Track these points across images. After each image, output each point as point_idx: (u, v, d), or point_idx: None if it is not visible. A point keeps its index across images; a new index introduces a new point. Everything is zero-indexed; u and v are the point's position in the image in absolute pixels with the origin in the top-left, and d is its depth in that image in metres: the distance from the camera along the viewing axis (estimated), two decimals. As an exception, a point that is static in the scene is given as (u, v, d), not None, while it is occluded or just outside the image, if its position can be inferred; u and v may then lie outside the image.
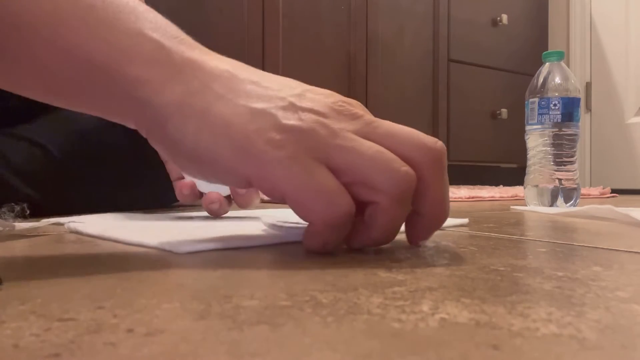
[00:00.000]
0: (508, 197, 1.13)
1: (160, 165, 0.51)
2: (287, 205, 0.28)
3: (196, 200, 0.49)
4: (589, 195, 1.32)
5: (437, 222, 0.31)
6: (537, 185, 0.80)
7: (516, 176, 1.88)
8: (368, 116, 0.30)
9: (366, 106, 0.31)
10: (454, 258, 0.30)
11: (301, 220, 0.29)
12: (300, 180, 0.27)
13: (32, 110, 0.56)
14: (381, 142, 0.28)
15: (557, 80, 0.80)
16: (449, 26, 1.96)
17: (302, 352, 0.14)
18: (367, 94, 1.73)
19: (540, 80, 0.81)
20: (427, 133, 0.30)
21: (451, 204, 1.00)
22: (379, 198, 0.28)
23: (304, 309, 0.18)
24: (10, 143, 0.56)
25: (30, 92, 0.29)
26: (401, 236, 0.31)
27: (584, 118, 2.20)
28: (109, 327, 0.16)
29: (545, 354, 0.14)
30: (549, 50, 0.87)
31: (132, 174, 0.47)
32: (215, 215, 0.48)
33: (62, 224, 0.42)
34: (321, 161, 0.27)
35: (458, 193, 1.12)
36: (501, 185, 1.76)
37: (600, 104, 2.19)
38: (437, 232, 0.42)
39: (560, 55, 0.82)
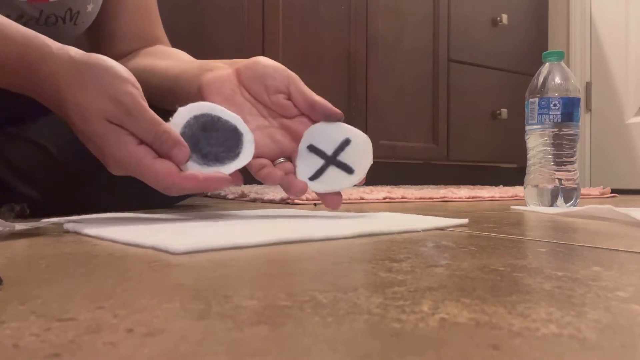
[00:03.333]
0: (508, 197, 1.13)
1: None
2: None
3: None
4: (589, 195, 1.32)
5: None
6: (537, 185, 0.80)
7: (516, 176, 1.88)
8: None
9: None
10: (454, 258, 0.30)
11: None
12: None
13: (33, 110, 0.56)
14: None
15: (557, 80, 0.80)
16: (449, 26, 1.96)
17: (302, 352, 0.14)
18: (367, 94, 1.73)
19: (540, 80, 0.81)
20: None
21: (451, 204, 0.98)
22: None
23: (304, 309, 0.18)
24: (10, 143, 0.56)
25: None
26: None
27: (584, 118, 2.20)
28: (109, 327, 0.16)
29: (545, 354, 0.14)
30: (549, 50, 0.87)
31: None
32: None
33: (62, 224, 0.42)
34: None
35: (458, 193, 1.12)
36: (501, 185, 1.76)
37: (600, 104, 2.19)
38: (438, 232, 0.42)
39: (560, 55, 0.82)
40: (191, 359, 0.13)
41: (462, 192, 1.14)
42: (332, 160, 0.49)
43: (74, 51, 0.44)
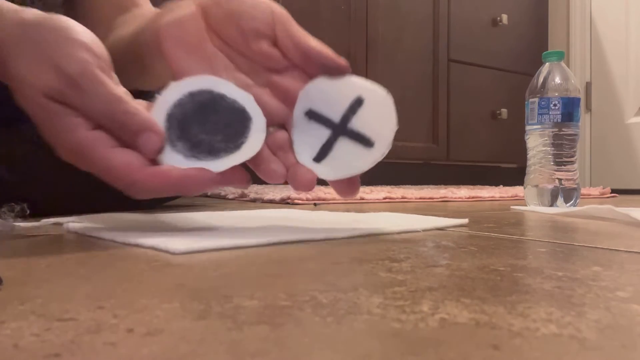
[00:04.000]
0: (508, 197, 1.13)
1: None
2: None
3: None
4: (589, 195, 1.32)
5: None
6: (537, 185, 0.80)
7: (516, 176, 1.88)
8: None
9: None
10: (454, 258, 0.30)
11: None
12: None
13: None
14: None
15: (557, 80, 0.80)
16: (449, 26, 1.96)
17: (302, 352, 0.14)
18: (367, 94, 1.72)
19: (540, 80, 0.81)
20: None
21: (451, 204, 0.99)
22: None
23: (304, 309, 0.18)
24: (11, 143, 0.56)
25: None
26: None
27: (584, 118, 2.20)
28: (109, 327, 0.16)
29: (545, 354, 0.14)
30: (549, 50, 0.87)
31: None
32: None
33: (62, 224, 0.42)
34: None
35: (458, 193, 1.12)
36: (501, 185, 1.76)
37: (600, 104, 2.19)
38: (438, 232, 0.42)
39: (560, 55, 0.82)
40: (191, 359, 0.13)
41: (462, 192, 1.14)
42: (341, 129, 0.36)
43: (30, 12, 0.34)
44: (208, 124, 0.35)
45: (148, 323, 0.16)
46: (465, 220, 0.49)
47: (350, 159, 0.36)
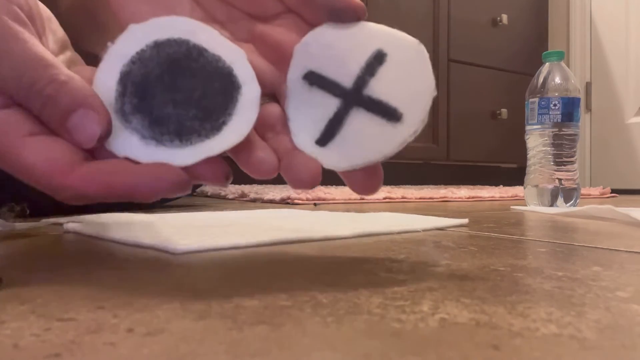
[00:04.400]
0: (508, 197, 1.13)
1: None
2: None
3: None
4: (589, 195, 1.32)
5: None
6: (537, 185, 0.80)
7: (516, 176, 1.88)
8: None
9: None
10: (454, 258, 0.30)
11: None
12: None
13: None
14: None
15: (557, 80, 0.80)
16: (449, 26, 1.96)
17: (302, 352, 0.14)
18: (367, 94, 1.72)
19: (540, 80, 0.81)
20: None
21: (451, 204, 0.99)
22: None
23: (304, 309, 0.18)
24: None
25: None
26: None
27: (584, 118, 2.20)
28: (109, 327, 0.16)
29: (545, 354, 0.14)
30: (549, 50, 0.87)
31: None
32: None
33: (62, 224, 0.42)
34: None
35: (458, 193, 1.12)
36: (501, 185, 1.76)
37: (600, 104, 2.19)
38: (438, 232, 0.42)
39: (560, 55, 0.82)
40: (191, 359, 0.13)
41: (462, 192, 1.14)
42: (355, 97, 0.25)
43: None
44: (180, 90, 0.24)
45: (148, 323, 0.16)
46: (465, 220, 0.49)
47: (368, 140, 0.25)
